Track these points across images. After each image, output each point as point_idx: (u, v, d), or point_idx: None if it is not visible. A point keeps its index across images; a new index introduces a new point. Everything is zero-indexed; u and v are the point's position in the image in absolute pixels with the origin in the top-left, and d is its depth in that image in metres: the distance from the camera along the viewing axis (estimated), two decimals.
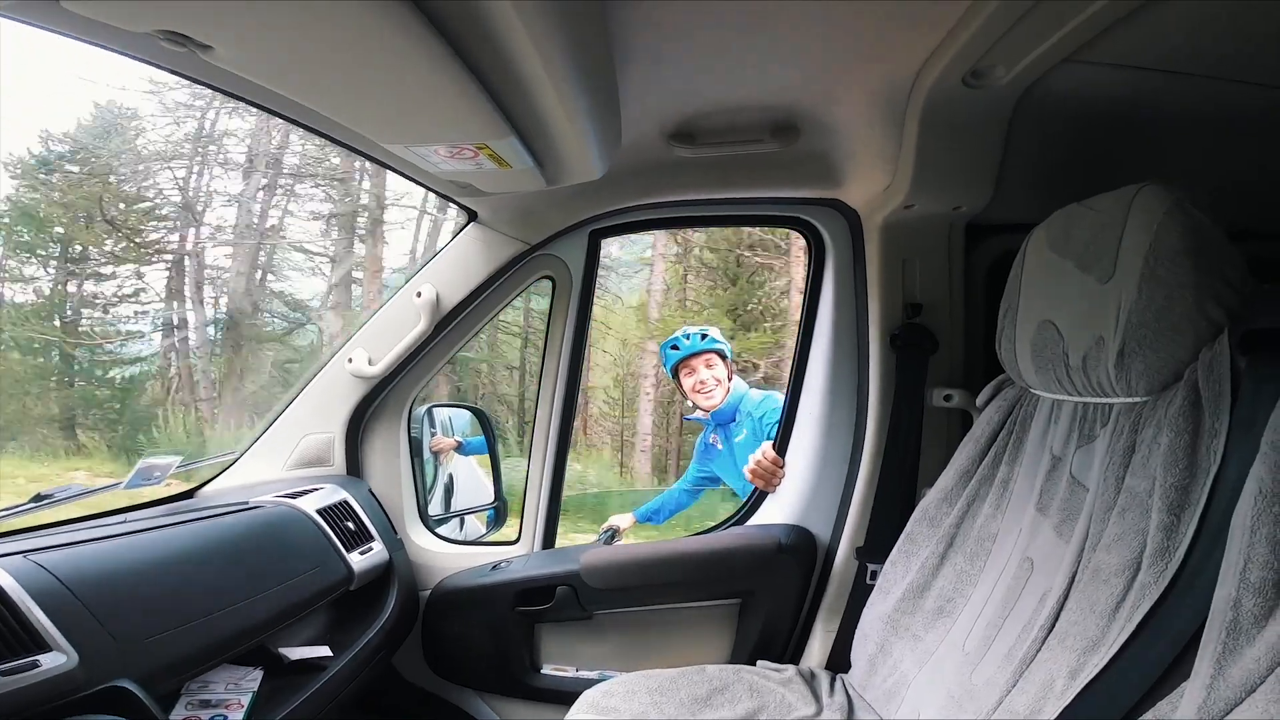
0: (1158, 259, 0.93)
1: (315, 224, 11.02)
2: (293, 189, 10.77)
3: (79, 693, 0.86)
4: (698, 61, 1.09)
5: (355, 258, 11.00)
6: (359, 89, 0.87)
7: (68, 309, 10.01)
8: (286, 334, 10.95)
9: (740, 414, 2.55)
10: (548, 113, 0.98)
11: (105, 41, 0.85)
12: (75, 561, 0.97)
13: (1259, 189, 1.33)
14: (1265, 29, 0.93)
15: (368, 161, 1.36)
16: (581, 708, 1.31)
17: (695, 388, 2.59)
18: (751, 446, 2.47)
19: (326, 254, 11.01)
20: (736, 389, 2.59)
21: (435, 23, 0.74)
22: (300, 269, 11.04)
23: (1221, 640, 0.73)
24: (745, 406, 2.55)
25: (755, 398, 2.56)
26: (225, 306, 10.62)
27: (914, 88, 1.09)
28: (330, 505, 1.47)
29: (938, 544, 1.26)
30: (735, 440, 2.56)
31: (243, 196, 10.54)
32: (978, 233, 1.51)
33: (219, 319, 10.59)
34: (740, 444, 2.53)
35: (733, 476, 2.66)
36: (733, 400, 2.56)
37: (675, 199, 1.59)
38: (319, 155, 10.66)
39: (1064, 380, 1.10)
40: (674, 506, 2.88)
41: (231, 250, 10.54)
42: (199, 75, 0.94)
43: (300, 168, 10.68)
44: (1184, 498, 0.87)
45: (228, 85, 0.97)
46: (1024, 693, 0.96)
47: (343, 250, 11.04)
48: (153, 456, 1.41)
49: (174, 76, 0.99)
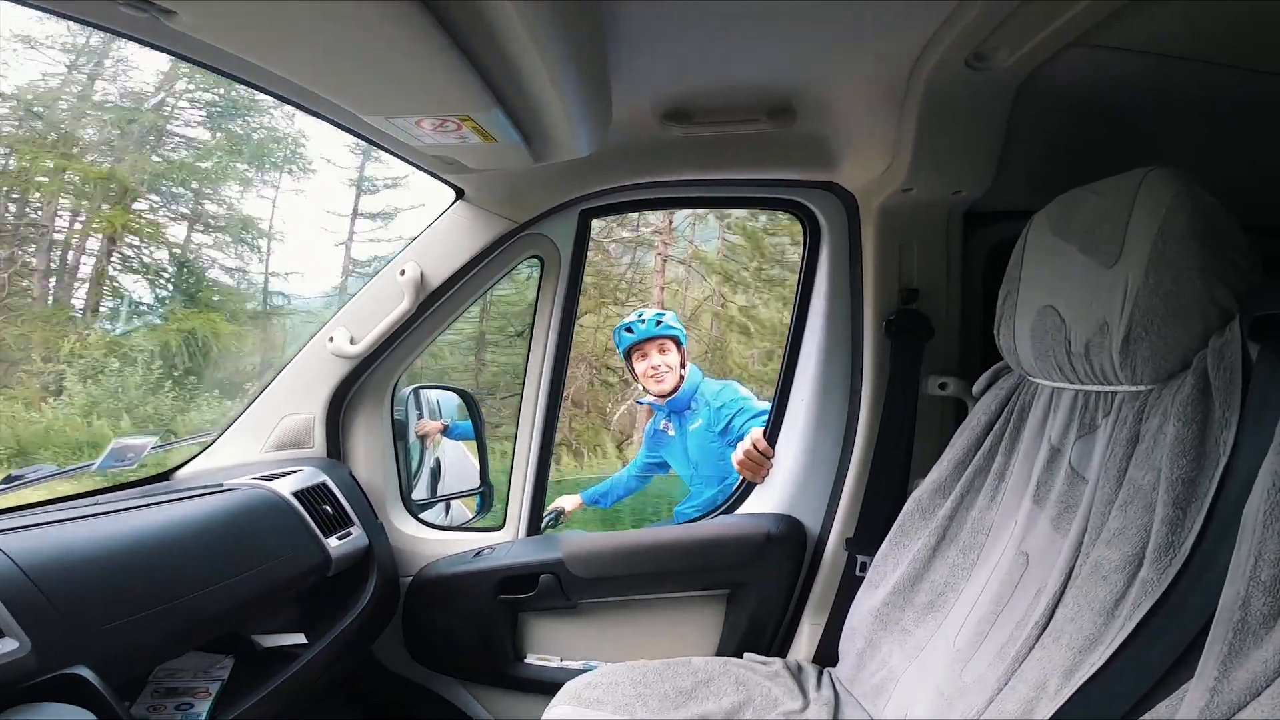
0: (1166, 242, 0.90)
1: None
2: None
3: (32, 679, 0.83)
4: (693, 39, 1.05)
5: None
6: (332, 56, 0.83)
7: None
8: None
9: (697, 401, 2.53)
10: (533, 85, 0.94)
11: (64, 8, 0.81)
12: (34, 544, 0.93)
13: (1264, 178, 1.30)
14: (1273, 13, 0.90)
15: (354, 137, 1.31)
16: (564, 699, 1.29)
17: (647, 372, 2.55)
18: (705, 435, 2.48)
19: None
20: (692, 377, 2.56)
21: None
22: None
23: (1228, 640, 0.71)
24: (703, 394, 2.52)
25: (713, 386, 2.54)
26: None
27: (915, 69, 1.06)
28: (308, 488, 1.43)
29: (930, 536, 1.24)
30: (690, 428, 2.54)
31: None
32: (977, 219, 1.48)
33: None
34: (694, 431, 2.52)
35: (681, 463, 2.64)
36: (688, 388, 2.53)
37: (668, 179, 1.55)
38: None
39: (1065, 367, 1.07)
40: (622, 490, 2.87)
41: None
42: (164, 42, 0.90)
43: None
44: (1191, 491, 0.84)
45: (194, 53, 0.93)
46: (1016, 692, 0.93)
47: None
48: (126, 438, 1.37)
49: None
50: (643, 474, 2.84)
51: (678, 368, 2.55)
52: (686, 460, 2.59)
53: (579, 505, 2.73)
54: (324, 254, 12.09)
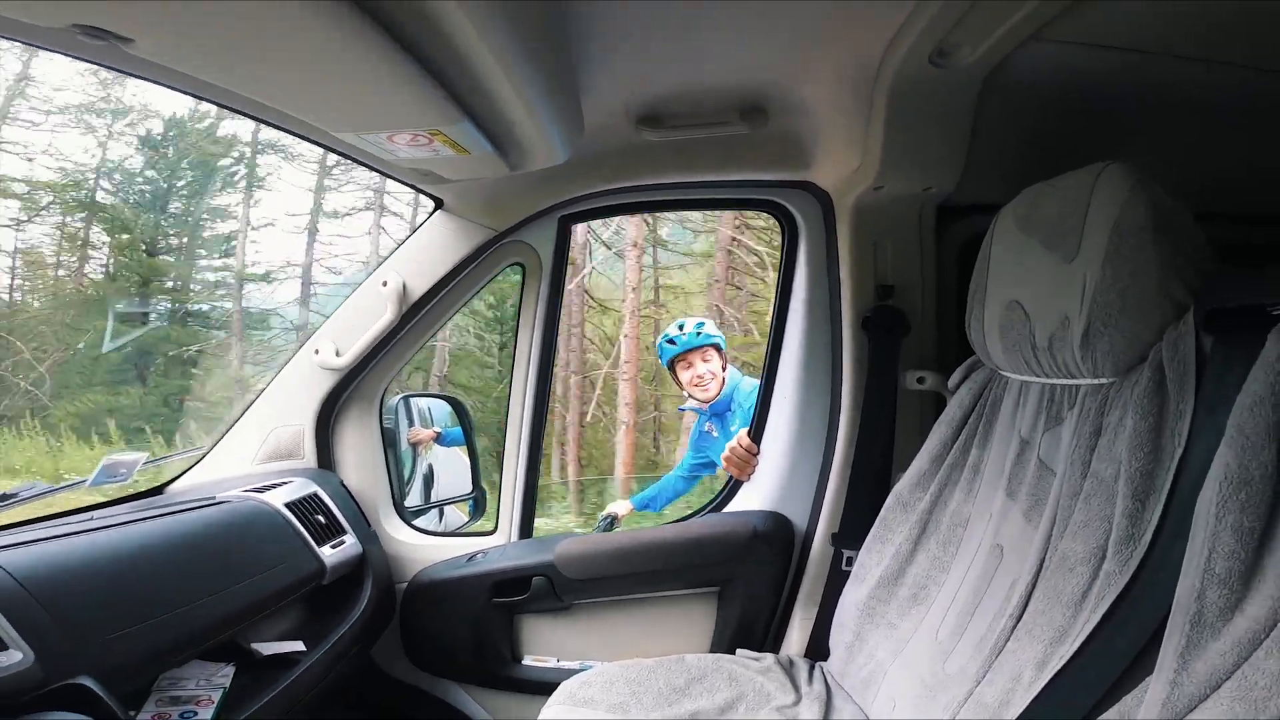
0: (1121, 237, 0.91)
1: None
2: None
3: (37, 690, 0.85)
4: (661, 43, 1.06)
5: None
6: (294, 78, 0.85)
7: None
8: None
9: (734, 403, 2.58)
10: (500, 96, 0.95)
11: (23, 36, 0.82)
12: (33, 560, 0.96)
13: (1227, 171, 1.32)
14: (1233, 8, 0.91)
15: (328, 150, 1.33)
16: (559, 698, 1.30)
17: (693, 381, 2.61)
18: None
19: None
20: (731, 379, 2.60)
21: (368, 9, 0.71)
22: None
23: (1185, 633, 0.72)
24: (739, 396, 2.57)
25: (747, 387, 2.59)
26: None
27: (881, 67, 1.07)
28: (300, 499, 1.45)
29: (911, 529, 1.25)
30: (731, 428, 2.58)
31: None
32: (949, 214, 1.49)
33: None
34: (736, 432, 2.54)
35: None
36: (728, 390, 2.58)
37: (645, 183, 1.57)
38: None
39: (1031, 361, 1.09)
40: (671, 494, 2.91)
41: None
42: (125, 67, 0.91)
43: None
44: (1149, 483, 0.86)
45: (158, 77, 0.94)
46: (993, 684, 0.95)
47: None
48: (117, 454, 1.39)
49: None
50: (690, 475, 2.87)
51: (720, 373, 2.60)
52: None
53: (630, 511, 2.79)
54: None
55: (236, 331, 11.05)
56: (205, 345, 10.77)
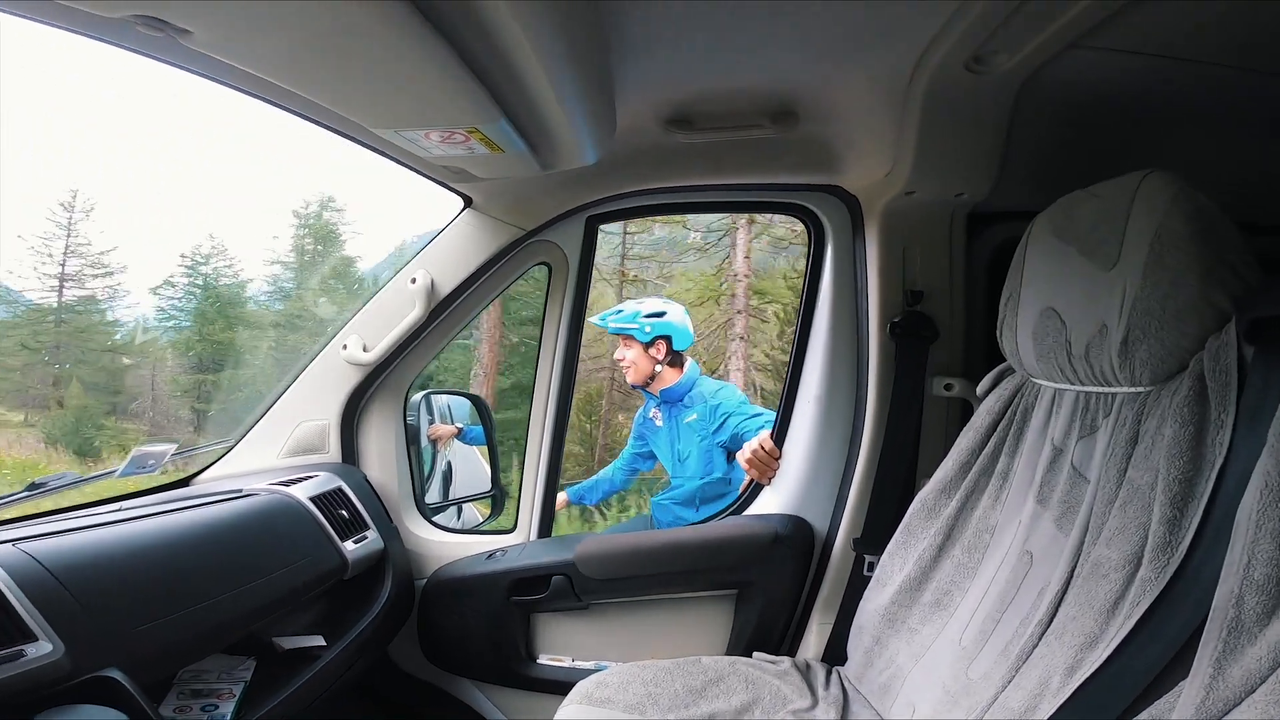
0: (1163, 245, 0.91)
1: None
2: None
3: (66, 682, 0.85)
4: (694, 46, 1.06)
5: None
6: (344, 73, 0.85)
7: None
8: None
9: (692, 396, 2.56)
10: (539, 96, 0.96)
11: (80, 28, 0.83)
12: (64, 550, 0.96)
13: (1265, 181, 1.30)
14: (1274, 11, 0.90)
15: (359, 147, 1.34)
16: (575, 698, 1.30)
17: (619, 359, 2.63)
18: (697, 430, 2.51)
19: None
20: (690, 372, 2.59)
21: (421, 7, 0.72)
22: None
23: (1222, 639, 0.71)
24: (700, 390, 2.56)
25: (711, 385, 2.58)
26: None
27: (915, 73, 1.06)
28: (324, 493, 1.46)
29: (936, 536, 1.24)
30: (683, 420, 2.57)
31: None
32: (979, 220, 1.48)
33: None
34: (687, 425, 2.55)
35: (666, 454, 2.67)
36: (685, 381, 2.56)
37: (673, 185, 1.57)
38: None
39: (1066, 369, 1.08)
40: (607, 487, 2.91)
41: None
42: (178, 60, 0.92)
43: None
44: (1188, 491, 0.85)
45: (209, 70, 0.95)
46: (1020, 689, 0.94)
47: None
48: (147, 444, 1.40)
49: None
50: (630, 468, 2.86)
51: (639, 363, 2.58)
52: (672, 451, 2.62)
53: (564, 503, 2.76)
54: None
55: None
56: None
